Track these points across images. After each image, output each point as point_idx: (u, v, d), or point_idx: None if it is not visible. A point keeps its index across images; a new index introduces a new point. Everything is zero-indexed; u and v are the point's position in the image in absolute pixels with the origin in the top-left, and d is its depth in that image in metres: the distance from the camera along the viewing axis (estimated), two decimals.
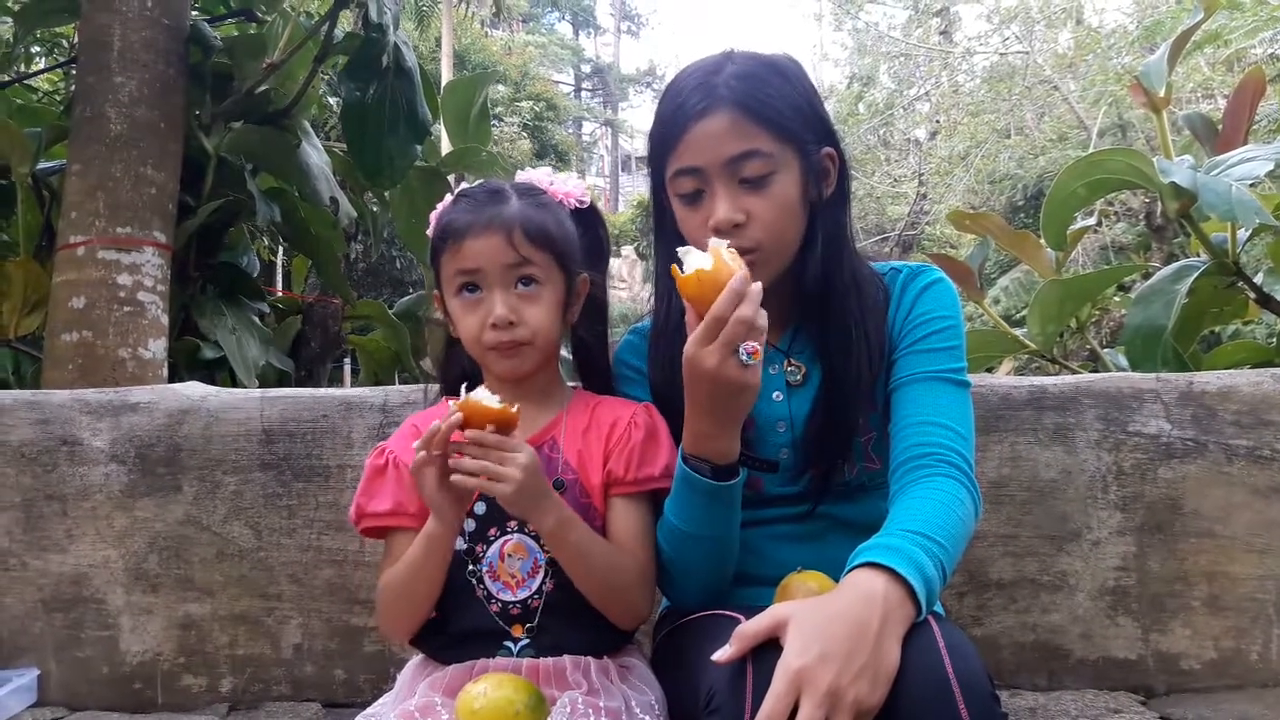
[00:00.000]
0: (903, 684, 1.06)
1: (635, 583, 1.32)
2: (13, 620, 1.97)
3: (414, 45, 11.58)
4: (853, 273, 1.42)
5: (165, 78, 3.05)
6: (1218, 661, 1.90)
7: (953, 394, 1.35)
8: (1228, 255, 2.62)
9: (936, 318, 1.40)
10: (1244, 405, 1.93)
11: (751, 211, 1.33)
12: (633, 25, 47.09)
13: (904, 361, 1.39)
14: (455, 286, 1.37)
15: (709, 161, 1.33)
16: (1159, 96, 2.71)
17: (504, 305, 1.33)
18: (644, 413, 1.42)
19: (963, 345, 1.40)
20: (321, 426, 1.99)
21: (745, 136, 1.32)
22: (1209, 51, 11.89)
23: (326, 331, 4.08)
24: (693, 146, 1.33)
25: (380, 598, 1.39)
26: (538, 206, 1.39)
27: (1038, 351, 3.06)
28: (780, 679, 1.02)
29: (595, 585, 1.31)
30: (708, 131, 1.32)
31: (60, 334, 2.83)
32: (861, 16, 20.17)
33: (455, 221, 1.37)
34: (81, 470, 1.98)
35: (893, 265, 1.48)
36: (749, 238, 1.32)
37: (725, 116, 1.32)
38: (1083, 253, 12.47)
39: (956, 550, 1.21)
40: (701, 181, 1.34)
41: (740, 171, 1.32)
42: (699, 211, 1.36)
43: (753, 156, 1.32)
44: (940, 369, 1.36)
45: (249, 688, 1.97)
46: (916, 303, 1.42)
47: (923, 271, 1.45)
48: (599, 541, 1.33)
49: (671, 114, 1.36)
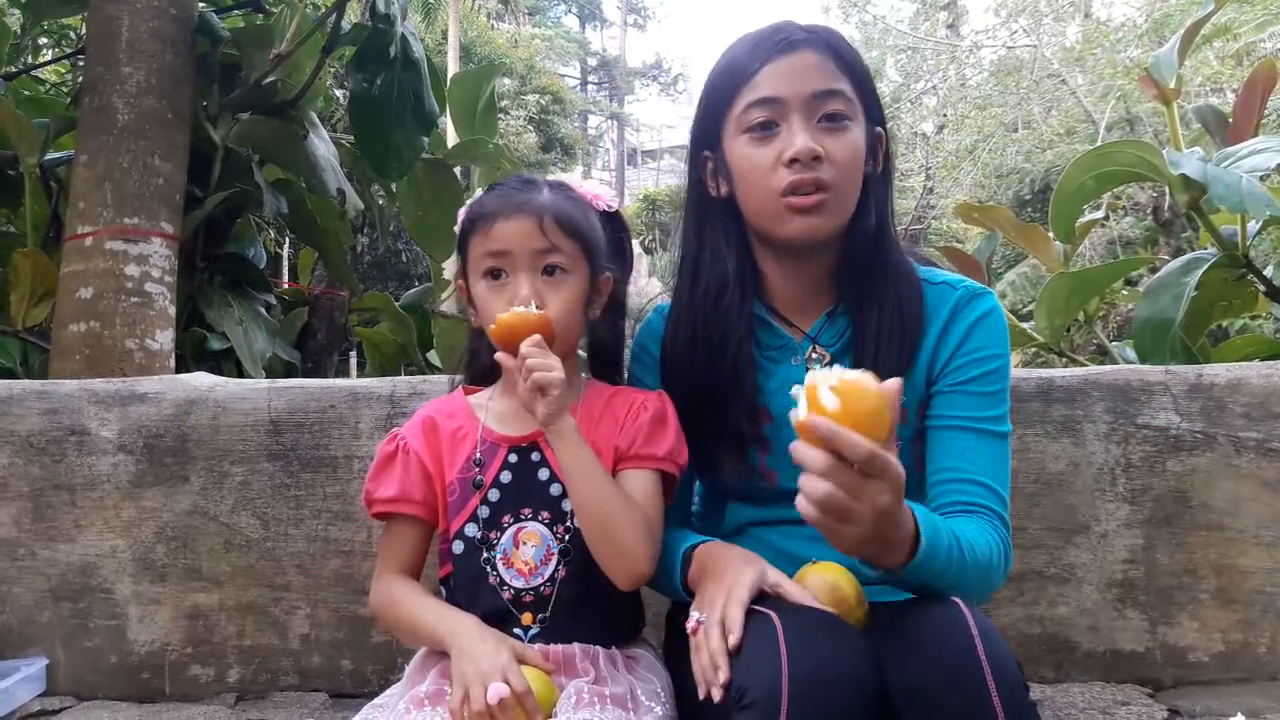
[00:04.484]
0: (935, 664, 1.07)
1: (638, 529, 1.30)
2: (21, 610, 1.98)
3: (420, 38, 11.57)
4: (898, 259, 1.40)
5: (173, 68, 3.04)
6: (1226, 654, 1.90)
7: (994, 448, 1.34)
8: (1237, 248, 2.61)
9: (989, 356, 1.36)
10: (1253, 398, 1.93)
11: (828, 149, 1.30)
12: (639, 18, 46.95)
13: (949, 400, 1.36)
14: (482, 270, 1.37)
15: (792, 92, 1.30)
16: (1169, 88, 2.70)
17: (529, 287, 1.33)
18: (655, 399, 1.42)
19: (1008, 387, 1.37)
20: (329, 417, 2.00)
21: (831, 75, 1.32)
22: (1218, 45, 11.85)
23: (333, 323, 4.07)
24: (774, 78, 1.31)
25: (381, 613, 1.42)
26: (569, 199, 1.40)
27: (1045, 345, 3.05)
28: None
29: (598, 517, 1.29)
30: (795, 65, 1.31)
31: (68, 324, 2.83)
32: (869, 10, 20.12)
33: (487, 205, 1.38)
34: (89, 460, 1.99)
35: (946, 280, 1.42)
36: (825, 173, 1.29)
37: (813, 54, 1.32)
38: (1090, 247, 12.43)
39: (964, 574, 1.20)
40: (776, 113, 1.32)
41: (822, 108, 1.31)
42: (770, 145, 1.32)
43: (836, 96, 1.31)
44: (984, 417, 1.34)
45: (256, 678, 1.98)
46: (971, 334, 1.37)
47: (979, 295, 1.40)
48: (608, 475, 1.32)
49: (743, 55, 1.34)
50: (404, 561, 1.42)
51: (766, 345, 1.42)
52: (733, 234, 1.42)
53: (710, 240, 1.43)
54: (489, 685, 1.18)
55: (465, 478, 1.37)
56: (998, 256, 11.69)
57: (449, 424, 1.42)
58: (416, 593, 1.38)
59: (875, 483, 1.01)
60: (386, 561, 1.42)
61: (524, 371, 1.23)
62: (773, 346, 1.40)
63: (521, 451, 1.39)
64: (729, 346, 1.40)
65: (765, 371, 1.42)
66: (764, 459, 1.42)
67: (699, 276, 1.43)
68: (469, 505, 1.36)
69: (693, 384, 1.42)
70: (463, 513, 1.36)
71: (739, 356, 1.40)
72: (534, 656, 1.28)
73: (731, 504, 1.50)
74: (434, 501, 1.39)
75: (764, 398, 1.41)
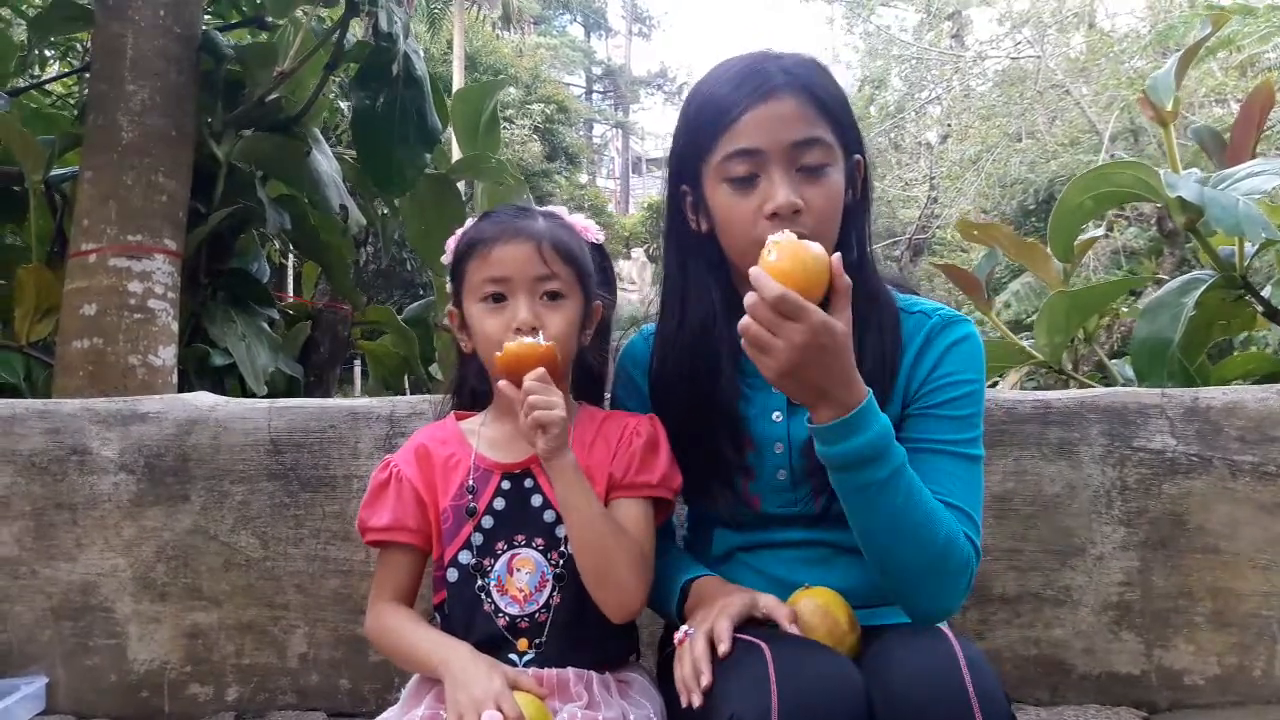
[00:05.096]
0: (920, 694, 1.07)
1: (634, 565, 1.31)
2: (22, 628, 1.99)
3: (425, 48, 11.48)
4: (874, 285, 1.41)
5: (177, 86, 3.07)
6: (1221, 678, 1.90)
7: (966, 470, 1.34)
8: (1235, 269, 2.61)
9: (961, 381, 1.36)
10: (1249, 421, 1.93)
11: (807, 200, 1.30)
12: (644, 27, 47.09)
13: (921, 424, 1.36)
14: (481, 294, 1.38)
15: (771, 144, 1.30)
16: (1166, 110, 2.70)
17: (528, 310, 1.35)
18: (647, 423, 1.43)
19: (981, 411, 1.37)
20: (329, 437, 2.01)
21: (809, 123, 1.31)
22: (1222, 56, 11.85)
23: (336, 337, 4.10)
24: (753, 128, 1.30)
25: (376, 640, 1.43)
26: (563, 228, 1.43)
27: (1044, 362, 3.05)
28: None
29: (595, 554, 1.30)
30: (772, 114, 1.30)
31: (71, 340, 2.85)
32: (873, 20, 20.13)
33: (485, 231, 1.40)
34: (91, 479, 2.00)
35: (922, 307, 1.43)
36: (805, 224, 1.29)
37: (791, 101, 1.30)
38: (1094, 258, 12.40)
39: (907, 513, 1.22)
40: (757, 165, 1.31)
41: (801, 158, 1.31)
42: (750, 198, 1.32)
43: (815, 144, 1.31)
44: (956, 440, 1.34)
45: (255, 697, 1.99)
46: (944, 359, 1.37)
47: (954, 323, 1.40)
48: (606, 511, 1.33)
49: (724, 96, 1.33)
50: (398, 589, 1.43)
51: (749, 373, 1.43)
52: (715, 268, 1.43)
53: (694, 274, 1.44)
54: (482, 713, 1.18)
55: (458, 505, 1.38)
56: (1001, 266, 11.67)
57: (441, 451, 1.43)
58: (410, 620, 1.39)
59: (790, 324, 1.13)
60: (381, 589, 1.43)
61: (526, 408, 1.24)
62: (754, 374, 1.41)
63: (514, 478, 1.39)
64: (717, 378, 1.41)
65: (746, 399, 1.43)
66: (748, 485, 1.43)
67: (685, 309, 1.44)
68: (462, 532, 1.37)
69: (680, 414, 1.44)
70: (456, 540, 1.37)
71: (726, 387, 1.41)
72: (528, 682, 1.29)
73: (718, 530, 1.50)
74: (428, 529, 1.40)
75: (747, 425, 1.42)
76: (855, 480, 1.22)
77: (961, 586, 1.28)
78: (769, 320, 1.15)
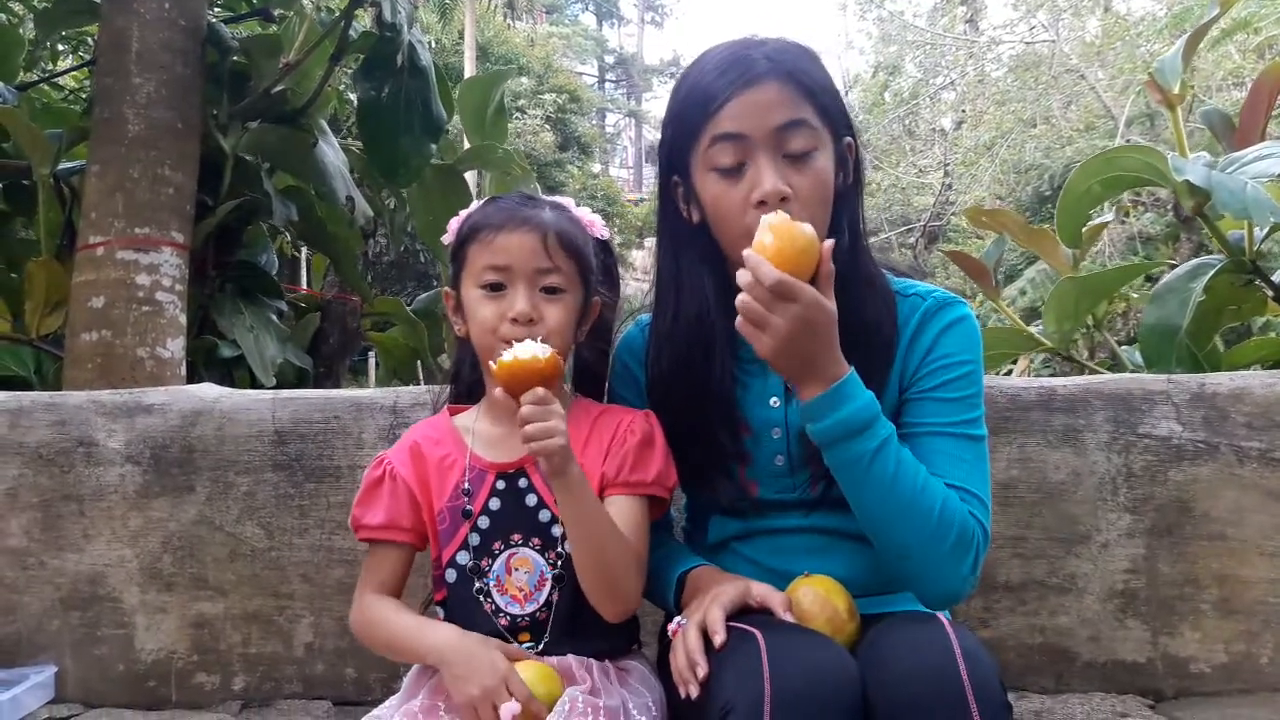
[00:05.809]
0: (915, 686, 1.07)
1: (631, 564, 1.31)
2: (31, 618, 2.01)
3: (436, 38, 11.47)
4: (869, 269, 1.41)
5: (183, 78, 3.07)
6: (1228, 665, 1.89)
7: (968, 451, 1.33)
8: (1244, 253, 2.58)
9: (957, 362, 1.36)
10: (1256, 407, 1.92)
11: (795, 186, 1.30)
12: (656, 15, 46.90)
13: (920, 407, 1.36)
14: (481, 281, 1.37)
15: (755, 129, 1.30)
16: (1173, 93, 2.67)
17: (527, 301, 1.34)
18: (642, 420, 1.42)
19: (981, 392, 1.37)
20: (333, 427, 2.02)
21: (794, 107, 1.30)
22: (1240, 39, 11.72)
23: (345, 328, 4.11)
24: (737, 114, 1.30)
25: (360, 633, 1.43)
26: (569, 220, 1.42)
27: (1054, 349, 3.03)
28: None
29: (595, 555, 1.29)
30: (755, 100, 1.30)
31: (80, 333, 2.87)
32: (886, 5, 20.02)
33: (489, 217, 1.39)
34: (98, 471, 2.01)
35: (916, 290, 1.43)
36: (793, 211, 1.27)
37: (774, 86, 1.30)
38: (1109, 244, 12.34)
39: (895, 490, 1.23)
40: (743, 153, 1.31)
41: (786, 144, 1.30)
42: (738, 187, 1.32)
43: (800, 127, 1.30)
44: (956, 421, 1.33)
45: (261, 686, 2.00)
46: (938, 342, 1.37)
47: (948, 304, 1.40)
48: (608, 519, 1.32)
49: (708, 84, 1.32)
50: (385, 583, 1.43)
51: (744, 359, 1.43)
52: (709, 258, 1.42)
53: (687, 265, 1.43)
54: (500, 706, 1.19)
55: (454, 506, 1.38)
56: (1016, 254, 11.60)
57: (435, 451, 1.42)
58: (393, 609, 1.39)
59: (785, 304, 1.17)
60: (367, 582, 1.44)
61: (523, 436, 1.22)
62: (750, 360, 1.41)
63: (509, 478, 1.39)
64: (713, 367, 1.40)
65: (743, 385, 1.43)
66: (744, 471, 1.43)
67: (680, 300, 1.43)
68: (459, 534, 1.37)
69: (678, 404, 1.43)
70: (454, 541, 1.38)
71: (723, 375, 1.40)
72: (521, 651, 1.31)
73: (715, 517, 1.50)
74: (421, 528, 1.41)
75: (744, 410, 1.42)
76: (846, 453, 1.23)
77: (966, 566, 1.26)
78: (766, 300, 1.18)
